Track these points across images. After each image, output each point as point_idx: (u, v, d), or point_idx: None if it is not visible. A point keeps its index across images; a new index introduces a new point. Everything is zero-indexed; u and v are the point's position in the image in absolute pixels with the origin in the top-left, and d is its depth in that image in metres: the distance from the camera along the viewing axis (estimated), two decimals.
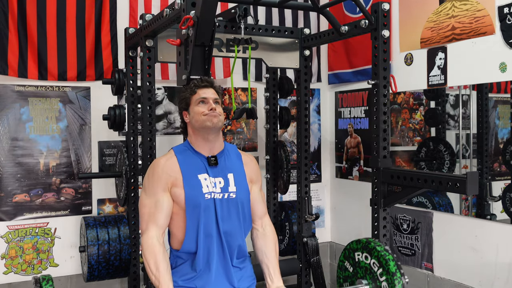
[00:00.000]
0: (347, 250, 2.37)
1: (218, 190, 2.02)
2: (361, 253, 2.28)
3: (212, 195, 2.01)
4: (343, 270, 2.39)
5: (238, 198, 2.05)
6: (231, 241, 2.05)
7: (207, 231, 2.00)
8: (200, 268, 2.01)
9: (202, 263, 2.01)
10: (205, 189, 2.00)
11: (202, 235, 1.99)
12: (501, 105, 3.17)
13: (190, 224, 1.99)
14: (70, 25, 3.46)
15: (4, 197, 3.35)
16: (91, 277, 3.09)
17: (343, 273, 2.40)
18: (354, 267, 2.32)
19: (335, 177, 4.39)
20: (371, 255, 2.22)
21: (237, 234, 2.07)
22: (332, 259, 4.42)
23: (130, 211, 3.20)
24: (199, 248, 1.99)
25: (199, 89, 2.11)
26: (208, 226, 2.00)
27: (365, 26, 2.65)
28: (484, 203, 3.15)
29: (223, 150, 2.12)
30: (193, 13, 1.99)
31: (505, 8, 2.80)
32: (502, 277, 2.93)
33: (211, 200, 2.00)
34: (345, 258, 2.38)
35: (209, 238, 2.01)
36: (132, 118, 3.16)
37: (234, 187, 2.05)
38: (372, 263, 2.21)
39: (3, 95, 3.34)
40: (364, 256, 2.26)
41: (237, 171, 2.10)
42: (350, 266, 2.35)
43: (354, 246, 2.33)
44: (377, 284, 2.17)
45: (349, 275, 2.35)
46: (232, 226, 2.05)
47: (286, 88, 3.55)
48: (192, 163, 2.05)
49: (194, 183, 2.01)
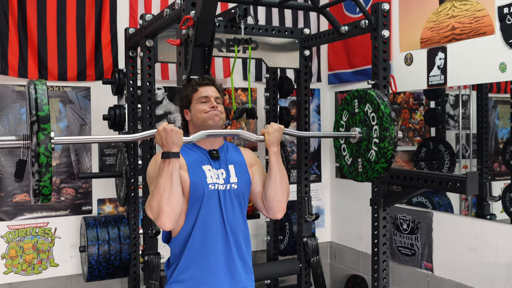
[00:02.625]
0: (346, 99, 2.36)
1: (221, 182, 2.02)
2: (357, 102, 2.27)
3: (216, 186, 2.01)
4: (340, 118, 2.40)
5: (239, 188, 2.06)
6: (236, 233, 2.04)
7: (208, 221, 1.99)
8: (196, 255, 1.98)
9: (198, 251, 1.98)
10: (209, 180, 2.00)
11: (201, 223, 1.97)
12: (501, 105, 3.17)
13: (190, 211, 1.97)
14: (70, 25, 3.46)
15: (4, 197, 3.35)
16: (91, 277, 3.10)
17: (340, 122, 2.40)
18: (351, 116, 2.31)
19: (335, 177, 4.39)
20: (367, 102, 2.22)
21: (241, 225, 2.07)
22: (332, 259, 4.42)
23: (130, 211, 3.20)
24: (194, 233, 1.96)
25: (201, 87, 2.11)
26: (210, 216, 1.99)
27: (365, 26, 2.65)
28: (484, 203, 3.15)
29: (222, 146, 2.13)
30: (193, 13, 1.99)
31: (505, 8, 2.80)
32: (501, 277, 2.93)
33: (215, 191, 2.00)
34: (344, 104, 2.38)
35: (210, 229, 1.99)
36: (132, 118, 3.16)
37: (236, 178, 2.06)
38: (366, 109, 2.21)
39: (3, 95, 3.34)
40: (360, 104, 2.26)
41: (237, 162, 2.11)
42: (347, 114, 2.34)
43: (354, 94, 2.31)
44: (369, 126, 2.19)
45: (345, 124, 2.37)
46: (236, 217, 2.05)
47: (286, 88, 3.56)
48: (195, 155, 2.05)
49: (198, 172, 2.00)
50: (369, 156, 2.19)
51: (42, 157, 1.53)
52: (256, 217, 3.99)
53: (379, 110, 2.13)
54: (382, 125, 2.11)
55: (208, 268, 1.99)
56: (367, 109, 2.21)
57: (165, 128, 1.82)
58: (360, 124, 2.25)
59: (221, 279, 2.01)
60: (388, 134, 2.09)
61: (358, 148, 2.27)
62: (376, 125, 2.15)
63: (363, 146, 2.23)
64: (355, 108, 2.29)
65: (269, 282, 3.63)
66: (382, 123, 2.11)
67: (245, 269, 2.09)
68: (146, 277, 2.83)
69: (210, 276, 1.99)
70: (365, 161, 2.22)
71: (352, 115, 2.31)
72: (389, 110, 2.12)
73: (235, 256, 2.04)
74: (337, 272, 4.35)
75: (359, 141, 2.25)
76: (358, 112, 2.27)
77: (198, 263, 1.99)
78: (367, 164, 2.21)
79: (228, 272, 2.02)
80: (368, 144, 2.20)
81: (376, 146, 2.14)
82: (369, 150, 2.20)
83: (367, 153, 2.20)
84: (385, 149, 2.10)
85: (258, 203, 2.14)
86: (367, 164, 2.21)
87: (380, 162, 2.13)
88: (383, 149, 2.10)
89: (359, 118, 2.26)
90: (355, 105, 2.29)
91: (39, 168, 1.54)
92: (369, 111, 2.19)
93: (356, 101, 2.28)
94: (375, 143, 2.15)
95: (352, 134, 2.27)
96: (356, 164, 2.29)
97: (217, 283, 2.00)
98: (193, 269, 2.00)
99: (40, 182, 1.55)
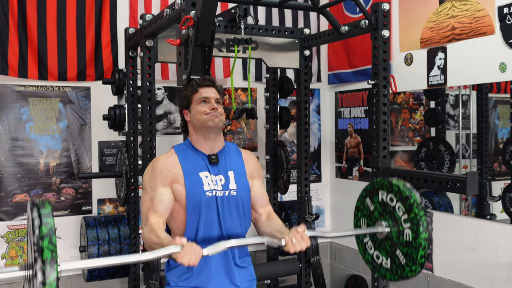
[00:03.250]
0: (371, 186, 2.05)
1: (219, 188, 2.02)
2: (386, 193, 1.96)
3: (214, 192, 2.00)
4: (361, 209, 2.09)
5: (238, 195, 2.05)
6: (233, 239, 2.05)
7: (208, 228, 1.99)
8: (197, 265, 1.99)
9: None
10: (206, 187, 2.00)
11: (202, 230, 1.98)
12: (501, 105, 3.17)
13: (190, 220, 1.98)
14: (70, 25, 3.46)
15: (4, 197, 3.35)
16: (91, 277, 3.10)
17: (361, 213, 2.09)
18: (375, 206, 2.01)
19: (335, 177, 4.39)
20: (396, 197, 1.91)
21: (239, 231, 2.07)
22: (332, 259, 4.42)
23: (130, 211, 3.20)
24: (196, 239, 1.97)
25: (201, 88, 2.10)
26: (209, 223, 2.00)
27: (365, 26, 2.65)
28: (484, 203, 3.15)
29: (223, 148, 2.12)
30: (193, 13, 1.99)
31: (505, 8, 2.80)
32: (501, 277, 2.93)
33: (213, 197, 2.00)
34: (367, 194, 2.07)
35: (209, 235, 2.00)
36: (132, 118, 3.16)
37: (235, 184, 2.05)
38: (398, 207, 1.90)
39: (3, 95, 3.34)
40: (389, 197, 1.94)
41: (237, 168, 2.10)
42: (371, 204, 2.03)
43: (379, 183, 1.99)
44: (400, 228, 1.89)
45: (368, 213, 2.05)
46: (233, 223, 2.05)
47: (286, 88, 3.56)
48: (193, 161, 2.04)
49: (195, 181, 2.00)
50: (398, 256, 1.91)
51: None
52: None
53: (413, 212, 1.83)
54: (414, 229, 1.82)
55: (208, 275, 2.00)
56: (396, 205, 1.91)
57: (194, 261, 1.67)
58: (386, 218, 1.96)
59: (221, 285, 2.01)
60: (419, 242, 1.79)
61: (384, 244, 1.98)
62: (407, 228, 1.86)
63: (388, 243, 1.96)
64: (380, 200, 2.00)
65: (269, 282, 3.63)
66: (413, 226, 1.82)
67: (245, 273, 2.10)
68: (146, 277, 2.83)
69: (210, 282, 2.00)
70: (393, 261, 1.93)
71: (376, 205, 2.02)
72: (423, 213, 1.82)
73: (233, 261, 2.05)
74: (337, 272, 4.35)
75: (385, 238, 1.97)
76: (383, 206, 1.98)
77: (198, 269, 1.99)
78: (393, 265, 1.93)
79: (228, 278, 2.03)
80: (394, 244, 1.93)
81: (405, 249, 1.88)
82: (396, 250, 1.92)
83: (395, 253, 1.93)
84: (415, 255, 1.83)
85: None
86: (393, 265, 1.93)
87: (407, 267, 1.87)
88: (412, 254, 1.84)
89: (384, 211, 1.97)
90: (381, 197, 1.99)
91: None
92: (399, 208, 1.90)
93: (384, 193, 1.97)
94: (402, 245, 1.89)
95: (379, 230, 1.96)
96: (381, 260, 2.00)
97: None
98: (193, 275, 2.00)
99: None
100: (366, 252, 2.08)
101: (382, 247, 1.99)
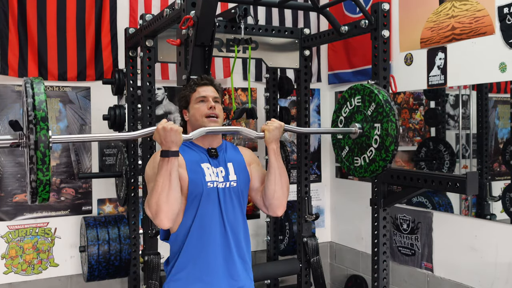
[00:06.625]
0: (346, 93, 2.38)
1: (220, 179, 2.02)
2: (361, 97, 2.27)
3: (215, 184, 2.00)
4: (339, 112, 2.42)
5: (238, 186, 2.06)
6: (236, 231, 2.03)
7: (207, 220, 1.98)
8: (194, 253, 1.97)
9: (196, 249, 1.98)
10: (208, 178, 2.00)
11: (199, 221, 1.97)
12: (501, 105, 3.17)
13: (188, 210, 1.97)
14: (70, 25, 3.46)
15: (4, 197, 3.35)
16: (91, 277, 3.10)
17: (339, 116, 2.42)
18: (351, 111, 2.33)
19: (335, 177, 4.39)
20: (368, 98, 2.23)
21: (241, 223, 2.07)
22: (332, 259, 4.42)
23: (130, 211, 3.20)
24: (192, 230, 1.96)
25: (199, 87, 2.10)
26: (209, 214, 1.99)
27: (365, 26, 2.65)
28: (484, 203, 3.15)
29: (221, 145, 2.13)
30: (193, 13, 1.99)
31: (505, 8, 2.80)
32: (501, 277, 2.93)
33: (214, 189, 2.00)
34: (343, 99, 2.38)
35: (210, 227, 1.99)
36: (132, 118, 3.16)
37: (235, 175, 2.06)
38: (368, 106, 2.23)
39: (3, 95, 3.34)
40: (360, 99, 2.27)
41: (236, 160, 2.11)
42: (347, 109, 2.36)
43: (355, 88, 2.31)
44: (371, 125, 2.21)
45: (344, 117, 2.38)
46: (235, 215, 2.04)
47: (286, 88, 3.56)
48: (193, 154, 2.05)
49: (197, 169, 2.00)
50: (368, 153, 2.20)
51: (39, 155, 1.50)
52: (256, 217, 3.99)
53: (380, 105, 2.14)
54: (383, 121, 2.12)
55: (206, 266, 1.99)
56: (367, 104, 2.23)
57: (165, 126, 1.81)
58: (360, 120, 2.28)
59: (219, 277, 2.00)
60: (389, 130, 2.10)
61: (358, 144, 2.29)
62: (377, 122, 2.17)
63: (363, 142, 2.25)
64: (355, 104, 2.31)
65: (269, 282, 3.63)
66: (383, 119, 2.12)
67: (244, 268, 2.08)
68: (146, 277, 2.83)
69: (208, 274, 1.98)
70: (364, 158, 2.25)
71: (351, 110, 2.33)
72: (389, 106, 2.13)
73: (234, 254, 2.03)
74: (337, 272, 4.35)
75: (359, 136, 2.28)
76: (358, 107, 2.29)
77: (196, 260, 1.98)
78: (365, 160, 2.24)
79: (226, 270, 2.01)
80: (367, 140, 2.23)
81: (376, 143, 2.15)
82: (369, 146, 2.21)
83: (367, 150, 2.22)
84: (385, 147, 2.11)
85: (258, 200, 2.13)
86: (365, 160, 2.24)
87: (378, 159, 2.14)
88: (384, 146, 2.10)
89: (359, 113, 2.28)
90: (354, 100, 2.31)
91: (37, 167, 1.51)
92: (370, 106, 2.21)
93: (358, 97, 2.29)
94: (375, 140, 2.16)
95: (352, 129, 2.28)
96: (354, 159, 2.31)
97: (215, 281, 1.99)
98: (191, 267, 1.99)
99: (38, 182, 1.52)
100: (342, 152, 2.40)
101: (357, 147, 2.30)
